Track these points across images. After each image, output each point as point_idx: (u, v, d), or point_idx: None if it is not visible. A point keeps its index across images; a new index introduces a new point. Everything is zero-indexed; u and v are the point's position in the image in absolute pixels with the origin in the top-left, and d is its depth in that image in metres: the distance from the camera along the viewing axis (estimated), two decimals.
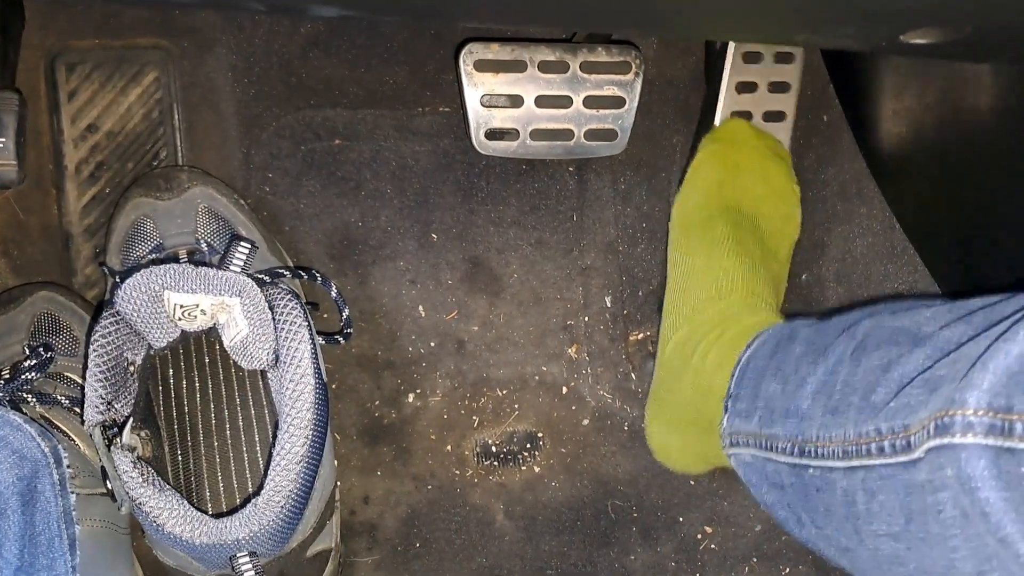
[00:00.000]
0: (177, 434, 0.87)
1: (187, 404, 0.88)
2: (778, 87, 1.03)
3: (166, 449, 0.86)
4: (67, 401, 0.84)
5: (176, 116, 1.00)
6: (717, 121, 1.03)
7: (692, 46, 1.11)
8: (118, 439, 0.76)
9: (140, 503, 0.74)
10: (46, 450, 0.76)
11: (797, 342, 0.79)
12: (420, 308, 1.05)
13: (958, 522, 0.56)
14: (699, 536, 1.06)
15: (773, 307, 0.94)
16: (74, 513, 0.78)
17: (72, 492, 0.78)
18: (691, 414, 0.93)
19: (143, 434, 0.83)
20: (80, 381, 0.86)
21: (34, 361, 0.83)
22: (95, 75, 0.98)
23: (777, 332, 0.84)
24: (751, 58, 1.02)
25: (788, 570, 1.06)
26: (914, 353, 0.63)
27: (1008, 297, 0.62)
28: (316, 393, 0.79)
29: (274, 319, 0.81)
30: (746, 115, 1.03)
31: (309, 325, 0.82)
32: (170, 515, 0.74)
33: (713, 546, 1.06)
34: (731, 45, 1.01)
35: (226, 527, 0.75)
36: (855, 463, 0.65)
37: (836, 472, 0.67)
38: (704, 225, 0.98)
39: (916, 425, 0.58)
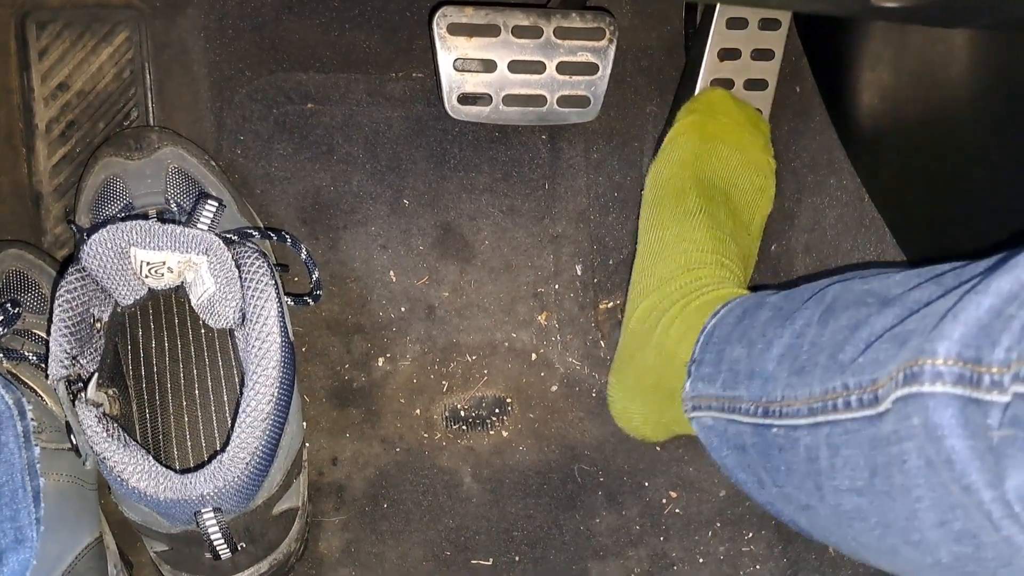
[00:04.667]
0: (145, 392, 0.87)
1: (155, 362, 0.88)
2: (761, 54, 1.04)
3: (134, 407, 0.87)
4: (34, 357, 0.84)
5: (148, 76, 1.00)
6: (698, 89, 1.03)
7: (667, 16, 1.11)
8: (83, 394, 0.76)
9: (104, 458, 0.74)
10: (9, 402, 0.76)
11: (764, 308, 0.79)
12: (391, 273, 1.06)
13: (923, 471, 0.56)
14: (664, 500, 1.07)
15: (741, 281, 0.95)
16: (39, 466, 0.78)
17: (37, 445, 0.78)
18: (653, 381, 0.94)
19: (111, 392, 0.84)
20: (47, 338, 0.86)
21: (1, 317, 0.83)
22: (66, 33, 0.98)
23: (744, 301, 0.85)
24: (735, 24, 1.02)
25: (751, 535, 1.07)
26: (883, 313, 0.63)
27: (976, 261, 0.62)
28: (282, 352, 0.79)
29: (241, 278, 0.81)
30: (727, 83, 1.04)
31: (276, 284, 0.82)
32: (134, 470, 0.74)
33: (677, 510, 1.07)
34: (716, 10, 1.00)
35: (191, 483, 0.75)
36: (820, 419, 0.65)
37: (800, 430, 0.67)
38: (677, 197, 0.98)
39: (884, 378, 0.59)
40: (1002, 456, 0.51)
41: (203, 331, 0.89)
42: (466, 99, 0.98)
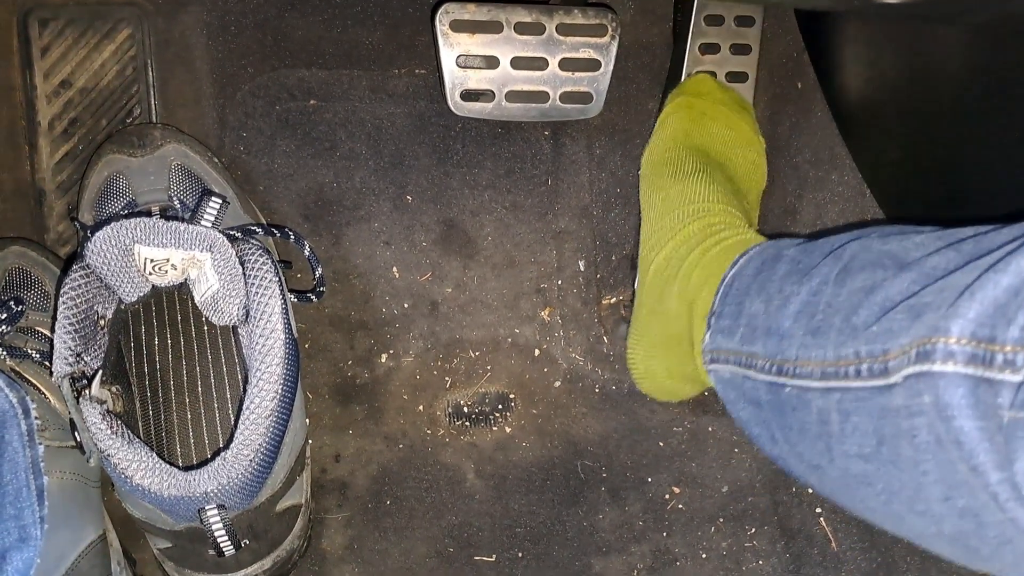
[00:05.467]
0: (148, 389, 0.87)
1: (159, 359, 0.88)
2: (739, 49, 1.06)
3: (137, 404, 0.87)
4: (38, 355, 0.84)
5: (150, 73, 1.00)
6: (683, 77, 1.04)
7: (669, 13, 1.11)
8: (87, 391, 0.76)
9: (108, 455, 0.75)
10: (13, 400, 0.77)
11: (783, 261, 0.79)
12: (394, 269, 1.06)
13: (931, 448, 0.56)
14: (667, 496, 1.07)
15: (753, 228, 0.94)
16: (42, 464, 0.78)
17: (41, 443, 0.78)
18: (677, 330, 0.93)
19: (114, 389, 0.84)
20: (51, 335, 0.86)
21: (4, 314, 0.83)
22: (68, 31, 0.98)
23: (763, 251, 0.84)
24: (712, 20, 1.04)
25: (754, 530, 1.07)
26: (899, 277, 0.63)
27: (999, 227, 0.62)
28: (286, 348, 0.79)
29: (245, 275, 0.81)
30: (710, 75, 1.05)
31: (280, 281, 0.82)
32: (138, 467, 0.74)
33: (680, 506, 1.07)
34: (695, 7, 1.02)
35: (195, 480, 0.75)
36: (832, 384, 0.65)
37: (812, 392, 0.68)
38: (674, 162, 0.99)
39: (896, 350, 0.59)
40: (1012, 438, 0.51)
41: (206, 328, 0.89)
42: (469, 95, 0.98)
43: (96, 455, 0.77)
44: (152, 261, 0.80)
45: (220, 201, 0.84)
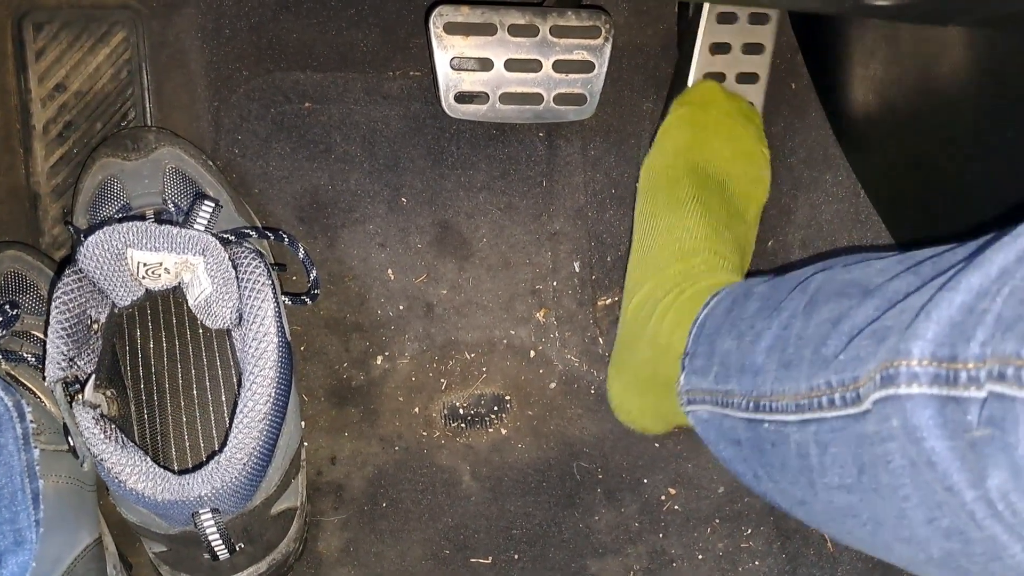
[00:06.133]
0: (143, 393, 0.88)
1: (153, 363, 0.88)
2: (752, 48, 1.04)
3: (132, 408, 0.87)
4: (33, 359, 0.84)
5: (145, 77, 1.00)
6: (690, 82, 1.03)
7: (663, 14, 1.11)
8: (80, 395, 0.76)
9: (102, 459, 0.75)
10: (9, 404, 0.77)
11: (752, 298, 0.79)
12: (389, 271, 1.06)
13: (907, 471, 0.56)
14: (663, 497, 1.07)
15: (737, 268, 0.95)
16: (38, 468, 0.78)
17: (37, 447, 0.79)
18: (650, 373, 0.93)
19: (109, 393, 0.84)
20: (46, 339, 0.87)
21: (0, 319, 0.83)
22: (63, 34, 0.98)
23: (734, 290, 0.84)
24: (725, 18, 1.02)
25: (750, 531, 1.07)
26: (864, 305, 0.63)
27: (955, 247, 0.62)
28: (279, 352, 0.79)
29: (238, 278, 0.81)
30: (719, 77, 1.04)
31: (273, 284, 0.82)
32: (132, 471, 0.75)
33: (676, 507, 1.07)
34: (706, 6, 1.01)
35: (188, 484, 0.76)
36: (808, 416, 0.65)
37: (790, 426, 0.67)
38: (670, 186, 0.98)
39: (864, 377, 0.58)
40: (982, 456, 0.50)
41: (200, 331, 0.89)
42: (463, 98, 0.99)
43: (90, 459, 0.77)
44: (145, 265, 0.80)
45: (212, 205, 0.84)
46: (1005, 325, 0.49)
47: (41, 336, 0.87)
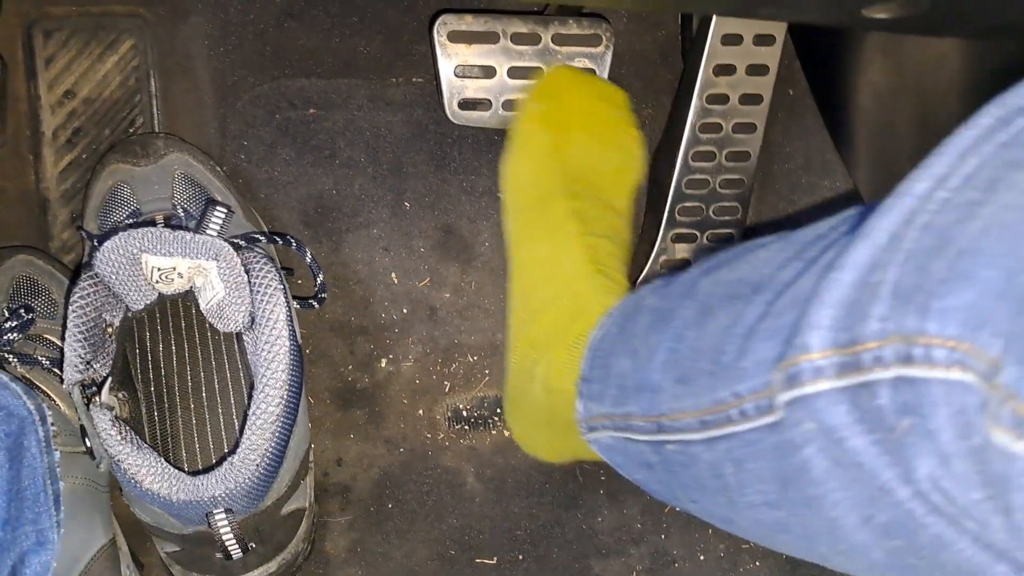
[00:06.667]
0: (154, 396, 0.89)
1: (163, 367, 0.89)
2: (756, 70, 1.02)
3: (143, 411, 0.88)
4: (47, 362, 0.85)
5: (152, 84, 1.01)
6: (692, 107, 1.02)
7: (662, 21, 1.12)
8: (97, 397, 0.78)
9: (119, 460, 0.76)
10: (32, 408, 0.78)
11: (643, 312, 0.75)
12: (393, 275, 1.07)
13: (833, 474, 0.52)
14: None
15: (620, 278, 0.90)
16: (58, 470, 0.79)
17: (57, 450, 0.80)
18: (546, 416, 0.91)
19: (120, 395, 0.85)
20: (59, 343, 0.88)
21: (15, 322, 0.84)
22: (72, 42, 0.99)
23: (624, 306, 0.80)
24: (730, 40, 1.01)
25: None
26: (754, 302, 0.59)
27: (835, 221, 0.59)
28: (291, 355, 0.81)
29: (250, 282, 0.83)
30: (723, 98, 1.02)
31: (284, 288, 0.84)
32: (148, 472, 0.76)
33: (678, 509, 1.09)
34: (711, 27, 1.00)
35: (203, 484, 0.77)
36: (716, 433, 0.60)
37: (697, 445, 0.63)
38: (542, 204, 0.94)
39: (772, 380, 0.54)
40: (907, 446, 0.47)
41: (210, 335, 0.90)
42: (466, 104, 1.00)
43: (106, 460, 0.78)
44: (159, 270, 0.81)
45: (225, 210, 0.85)
46: (904, 296, 0.46)
47: (53, 340, 0.89)
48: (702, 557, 1.08)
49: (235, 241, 0.85)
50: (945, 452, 0.45)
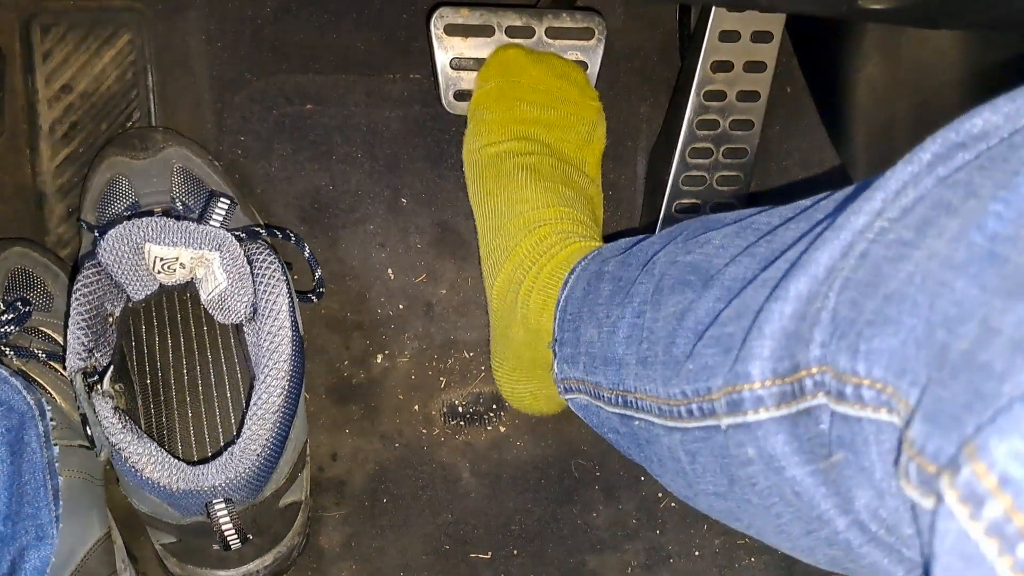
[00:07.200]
0: (150, 388, 0.89)
1: (159, 357, 0.89)
2: (753, 67, 1.03)
3: (139, 402, 0.88)
4: (43, 355, 0.85)
5: (150, 78, 1.01)
6: (689, 104, 1.03)
7: (660, 18, 1.13)
8: (99, 386, 0.77)
9: (120, 448, 0.76)
10: (31, 402, 0.78)
11: (605, 280, 0.76)
12: (389, 271, 1.07)
13: (775, 494, 0.54)
14: (660, 495, 1.09)
15: (588, 223, 0.91)
16: (56, 464, 0.79)
17: (55, 444, 0.80)
18: (530, 356, 0.91)
19: (117, 387, 0.85)
20: (54, 335, 0.88)
21: (12, 315, 0.84)
22: (69, 36, 0.99)
23: (587, 269, 0.80)
24: (727, 36, 1.01)
25: None
26: (704, 297, 0.60)
27: (787, 215, 0.61)
28: (293, 345, 0.81)
29: (252, 273, 0.83)
30: (720, 95, 1.03)
31: (287, 279, 0.84)
32: (149, 461, 0.76)
33: (673, 504, 1.09)
34: (709, 24, 1.00)
35: (203, 474, 0.77)
36: (670, 424, 0.62)
37: (657, 428, 0.64)
38: (495, 162, 0.94)
39: (716, 391, 0.56)
40: (844, 478, 0.48)
41: (208, 328, 0.90)
42: (462, 96, 1.01)
43: (106, 450, 0.78)
44: (162, 259, 0.81)
45: (228, 202, 0.85)
46: (840, 327, 0.47)
47: (49, 332, 0.88)
48: (697, 553, 1.09)
49: (237, 233, 0.85)
50: (880, 488, 0.46)
